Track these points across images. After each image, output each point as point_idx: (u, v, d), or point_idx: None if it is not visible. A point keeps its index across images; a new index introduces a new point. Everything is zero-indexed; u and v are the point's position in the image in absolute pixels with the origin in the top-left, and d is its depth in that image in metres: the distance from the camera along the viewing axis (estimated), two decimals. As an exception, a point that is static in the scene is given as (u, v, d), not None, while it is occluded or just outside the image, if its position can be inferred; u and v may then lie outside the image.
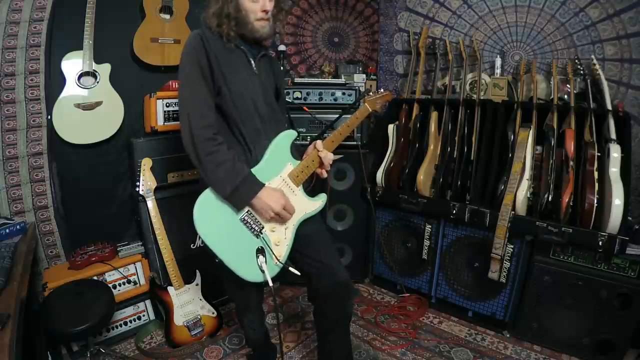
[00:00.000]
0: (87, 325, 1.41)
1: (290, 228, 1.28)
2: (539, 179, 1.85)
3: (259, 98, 1.28)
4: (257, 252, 1.20)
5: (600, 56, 1.99)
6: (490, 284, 1.92)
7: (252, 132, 1.26)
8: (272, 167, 1.26)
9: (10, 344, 0.97)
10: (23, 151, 1.81)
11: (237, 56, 1.27)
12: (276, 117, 1.36)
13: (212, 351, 1.85)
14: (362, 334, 2.01)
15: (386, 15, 2.71)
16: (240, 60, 1.27)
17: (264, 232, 1.23)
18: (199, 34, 1.22)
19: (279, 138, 1.28)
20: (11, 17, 1.72)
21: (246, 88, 1.25)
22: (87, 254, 1.83)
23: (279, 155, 1.28)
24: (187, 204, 1.99)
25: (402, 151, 2.24)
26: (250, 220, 1.21)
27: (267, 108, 1.31)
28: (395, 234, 2.33)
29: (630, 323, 1.64)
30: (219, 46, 1.22)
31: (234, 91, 1.22)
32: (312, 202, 1.33)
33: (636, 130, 1.90)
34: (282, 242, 1.26)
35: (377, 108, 1.56)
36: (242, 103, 1.23)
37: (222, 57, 1.21)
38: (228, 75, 1.22)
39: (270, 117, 1.31)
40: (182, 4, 2.03)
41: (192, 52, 1.19)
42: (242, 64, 1.27)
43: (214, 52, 1.20)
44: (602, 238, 1.61)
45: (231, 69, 1.23)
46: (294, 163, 1.30)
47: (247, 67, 1.28)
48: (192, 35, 1.23)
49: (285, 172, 1.28)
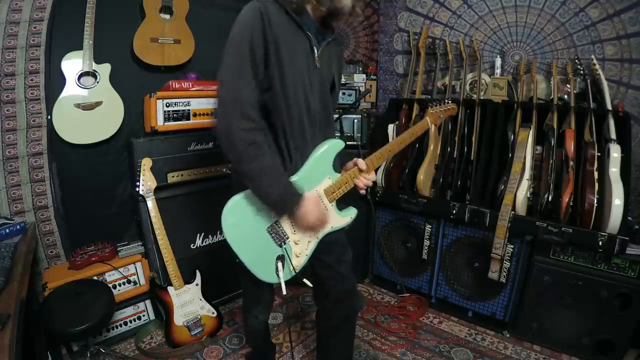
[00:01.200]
0: (87, 325, 1.41)
1: (313, 242, 1.24)
2: (539, 179, 1.85)
3: (314, 96, 1.12)
4: (277, 259, 1.18)
5: (600, 56, 1.99)
6: (490, 284, 1.92)
7: (297, 136, 1.12)
8: (310, 180, 1.16)
9: (10, 344, 0.97)
10: (23, 151, 1.81)
11: (300, 43, 1.07)
12: (327, 118, 1.22)
13: (212, 351, 1.85)
14: (362, 334, 2.01)
15: (386, 15, 2.71)
16: (302, 49, 1.07)
17: (287, 242, 1.19)
18: (259, 7, 0.98)
19: (323, 149, 1.15)
20: (11, 17, 1.72)
21: (302, 84, 1.07)
22: (87, 254, 1.83)
23: (320, 167, 1.17)
24: (187, 203, 2.01)
25: (402, 151, 2.24)
26: (276, 230, 1.17)
27: (320, 108, 1.16)
28: (395, 234, 2.33)
29: (630, 323, 1.64)
30: (283, 26, 1.01)
31: (289, 87, 1.04)
32: (342, 218, 1.27)
33: (636, 130, 1.90)
34: (302, 254, 1.23)
35: (438, 123, 1.39)
36: (294, 102, 1.07)
37: (283, 43, 1.01)
38: (286, 67, 1.02)
39: (321, 119, 1.17)
40: (182, 4, 2.03)
41: (246, 31, 0.97)
42: (303, 54, 1.07)
43: (275, 35, 0.99)
44: (602, 238, 1.61)
45: (291, 59, 1.03)
46: (333, 177, 1.19)
47: (309, 58, 1.09)
48: (251, 8, 0.99)
49: (321, 187, 1.18)
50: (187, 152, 1.95)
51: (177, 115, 1.93)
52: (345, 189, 1.21)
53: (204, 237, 2.08)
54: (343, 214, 1.27)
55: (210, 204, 1.16)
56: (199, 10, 2.12)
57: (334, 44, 1.21)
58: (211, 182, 2.03)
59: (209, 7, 2.19)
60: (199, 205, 2.00)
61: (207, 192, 1.99)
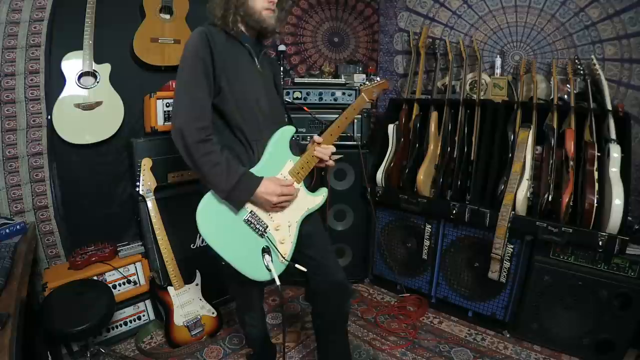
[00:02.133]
0: (87, 325, 1.41)
1: (293, 225, 1.28)
2: (539, 179, 1.85)
3: (262, 96, 1.27)
4: (263, 252, 1.20)
5: (600, 56, 1.99)
6: (490, 284, 1.92)
7: (254, 131, 1.25)
8: (272, 165, 1.25)
9: (10, 344, 0.97)
10: (23, 151, 1.81)
11: (240, 53, 1.25)
12: (278, 114, 1.36)
13: (212, 351, 1.85)
14: (362, 334, 2.01)
15: (386, 15, 2.71)
16: (244, 58, 1.26)
17: (268, 231, 1.23)
18: (203, 30, 1.18)
19: (277, 135, 1.26)
20: (11, 17, 1.72)
21: (250, 86, 1.24)
22: (87, 254, 1.83)
23: (279, 152, 1.27)
24: (187, 204, 1.99)
25: (402, 151, 2.24)
26: (253, 220, 1.21)
27: (270, 106, 1.30)
28: (395, 234, 2.33)
29: (630, 323, 1.64)
30: (223, 42, 1.20)
31: (237, 90, 1.21)
32: (314, 198, 1.33)
33: (636, 130, 1.90)
34: (286, 240, 1.27)
35: (374, 97, 1.50)
36: (244, 102, 1.22)
37: (226, 55, 1.19)
38: (232, 73, 1.20)
39: (273, 115, 1.31)
40: (182, 4, 2.04)
41: (195, 48, 1.16)
42: (245, 62, 1.26)
43: (218, 49, 1.17)
44: (602, 238, 1.61)
45: (235, 66, 1.21)
46: (294, 159, 1.29)
47: (251, 64, 1.27)
48: (196, 31, 1.19)
49: (285, 170, 1.27)
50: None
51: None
52: (310, 166, 1.30)
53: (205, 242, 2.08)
54: (315, 194, 1.34)
55: (211, 204, 1.16)
56: (199, 10, 2.11)
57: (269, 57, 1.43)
58: (211, 182, 2.02)
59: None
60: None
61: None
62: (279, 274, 1.21)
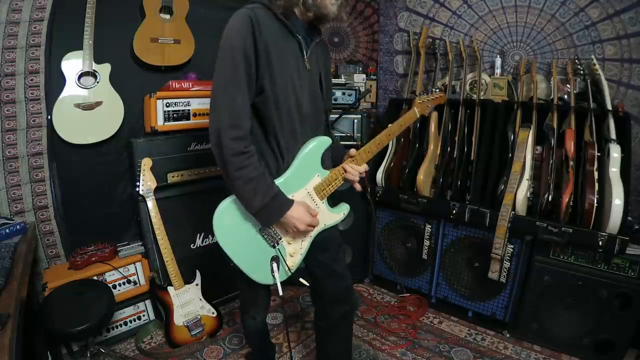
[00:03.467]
0: (87, 325, 1.41)
1: (307, 240, 1.24)
2: (539, 179, 1.85)
3: (305, 97, 1.15)
4: (272, 260, 1.18)
5: (600, 56, 1.99)
6: (490, 284, 1.92)
7: (289, 136, 1.13)
8: (298, 179, 1.17)
9: (10, 344, 0.97)
10: (23, 151, 1.81)
11: (290, 47, 1.10)
12: (318, 118, 1.24)
13: (212, 351, 1.85)
14: (362, 334, 2.01)
15: (386, 15, 2.71)
16: (292, 52, 1.10)
17: (281, 242, 1.19)
18: (249, 14, 1.00)
19: (310, 147, 1.15)
20: (11, 17, 1.72)
21: (292, 86, 1.10)
22: (87, 254, 1.83)
23: (308, 165, 1.17)
24: (187, 204, 2.01)
25: (402, 151, 2.24)
26: (268, 231, 1.17)
27: (311, 108, 1.18)
28: (395, 234, 2.33)
29: (630, 323, 1.64)
30: (273, 31, 1.04)
31: (279, 91, 1.07)
32: (334, 215, 1.27)
33: (636, 130, 1.90)
34: (296, 253, 1.24)
35: (426, 113, 1.38)
36: (284, 105, 1.09)
37: (273, 48, 1.04)
38: (276, 71, 1.05)
39: (312, 119, 1.19)
40: (182, 4, 2.03)
41: (238, 38, 0.99)
42: (293, 57, 1.10)
43: (265, 40, 1.02)
44: (602, 238, 1.61)
45: (281, 63, 1.06)
46: (322, 174, 1.20)
47: (299, 60, 1.12)
48: (240, 16, 1.01)
49: (311, 185, 1.19)
50: (187, 152, 1.95)
51: (177, 115, 1.93)
52: (336, 185, 1.22)
53: (204, 237, 2.08)
54: (335, 211, 1.28)
55: (211, 204, 1.16)
56: (199, 10, 2.12)
57: (322, 45, 1.25)
58: (211, 182, 2.02)
59: (209, 7, 2.19)
60: (199, 205, 2.00)
61: (207, 192, 1.98)
62: (282, 280, 1.20)
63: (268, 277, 1.20)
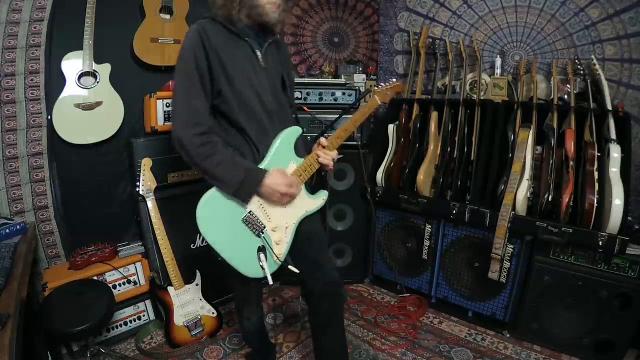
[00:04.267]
0: (87, 325, 1.41)
1: (290, 227, 1.29)
2: (539, 179, 1.85)
3: (266, 93, 1.22)
4: (258, 251, 1.22)
5: (600, 56, 1.99)
6: (490, 284, 1.92)
7: (259, 131, 1.22)
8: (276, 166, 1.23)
9: (10, 344, 0.97)
10: (23, 151, 1.81)
11: (241, 49, 1.19)
12: (284, 113, 1.31)
13: (212, 351, 1.85)
14: (362, 334, 2.01)
15: (386, 15, 2.71)
16: (245, 54, 1.20)
17: (265, 231, 1.23)
18: (197, 29, 1.13)
19: (281, 136, 1.24)
20: (11, 17, 1.72)
21: (251, 85, 1.19)
22: (87, 254, 1.83)
23: (283, 154, 1.25)
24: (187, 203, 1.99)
25: (402, 151, 2.24)
26: (251, 220, 1.21)
27: (275, 103, 1.25)
28: (395, 234, 2.33)
29: (630, 323, 1.64)
30: (221, 39, 1.15)
31: (238, 90, 1.17)
32: (314, 200, 1.33)
33: (636, 130, 1.90)
34: (282, 241, 1.27)
35: (387, 100, 1.47)
36: (246, 102, 1.18)
37: (224, 54, 1.14)
38: (231, 73, 1.15)
39: (278, 114, 1.26)
40: (182, 4, 2.04)
41: (189, 52, 1.12)
42: (246, 58, 1.20)
43: (215, 48, 1.13)
44: (602, 238, 1.61)
45: (234, 66, 1.16)
46: (297, 161, 1.28)
47: (252, 60, 1.21)
48: (190, 31, 1.14)
49: (288, 172, 1.26)
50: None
51: (176, 116, 1.92)
52: (312, 170, 1.29)
53: (204, 237, 2.07)
54: (315, 197, 1.34)
55: (210, 204, 1.16)
56: (199, 10, 2.11)
57: (278, 46, 1.33)
58: (211, 182, 2.02)
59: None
60: (199, 205, 2.00)
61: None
62: (273, 272, 1.23)
63: (256, 269, 1.22)
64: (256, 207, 1.22)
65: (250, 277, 1.23)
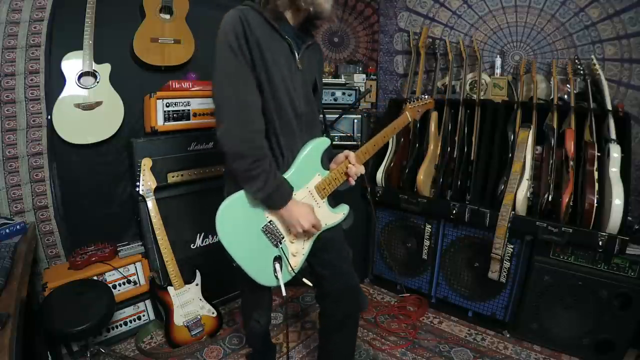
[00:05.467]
0: (87, 325, 1.41)
1: (309, 240, 1.25)
2: (539, 179, 1.85)
3: (300, 98, 1.16)
4: (274, 261, 1.18)
5: (600, 56, 1.99)
6: (490, 284, 1.92)
7: (288, 136, 1.15)
8: (300, 178, 1.19)
9: (10, 344, 0.97)
10: (23, 151, 1.81)
11: (280, 47, 1.10)
12: (314, 118, 1.26)
13: (212, 351, 1.85)
14: (362, 334, 2.01)
15: (386, 15, 2.71)
16: (284, 54, 1.11)
17: (283, 242, 1.20)
18: (238, 15, 1.01)
19: (310, 147, 1.18)
20: (11, 17, 1.72)
21: (285, 86, 1.11)
22: (87, 254, 1.83)
23: (309, 165, 1.20)
24: (187, 203, 2.01)
25: (402, 151, 2.24)
26: (271, 230, 1.17)
27: (307, 109, 1.19)
28: (395, 234, 2.33)
29: (630, 323, 1.64)
30: (262, 31, 1.05)
31: (276, 89, 1.08)
32: (334, 215, 1.29)
33: (636, 130, 1.90)
34: (299, 253, 1.24)
35: (417, 117, 1.46)
36: (281, 104, 1.10)
37: (266, 48, 1.04)
38: (271, 68, 1.06)
39: (308, 119, 1.21)
40: (182, 4, 2.03)
41: (233, 38, 1.00)
42: (284, 57, 1.11)
43: (256, 37, 1.02)
44: (602, 238, 1.61)
45: (275, 63, 1.07)
46: (323, 174, 1.23)
47: (290, 61, 1.13)
48: (231, 16, 1.02)
49: (312, 184, 1.21)
50: (187, 152, 1.95)
51: (177, 115, 1.93)
52: (336, 184, 1.25)
53: (204, 237, 2.08)
54: (335, 211, 1.30)
55: (211, 204, 1.15)
56: (199, 10, 2.12)
57: (314, 48, 1.26)
58: (211, 182, 2.02)
59: (209, 7, 2.19)
60: (199, 206, 2.00)
61: (207, 192, 1.98)
62: (286, 282, 1.20)
63: (271, 278, 1.19)
64: (277, 217, 1.17)
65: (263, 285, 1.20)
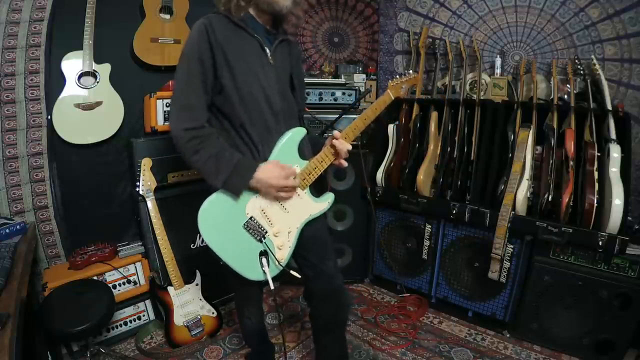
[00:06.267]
0: (87, 325, 1.41)
1: (293, 231, 1.25)
2: (539, 179, 1.85)
3: (274, 92, 1.19)
4: (260, 255, 1.19)
5: (600, 56, 1.99)
6: (490, 284, 1.92)
7: (262, 131, 1.18)
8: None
9: (10, 344, 0.97)
10: (23, 151, 1.81)
11: (249, 45, 1.16)
12: (291, 113, 1.28)
13: (212, 351, 1.85)
14: (362, 334, 2.01)
15: (386, 15, 2.71)
16: (253, 51, 1.16)
17: (267, 236, 1.20)
18: (203, 23, 1.11)
19: (286, 138, 1.19)
20: (11, 17, 1.72)
21: (258, 82, 1.15)
22: (87, 254, 1.83)
23: (286, 156, 1.20)
24: (187, 204, 2.00)
25: (402, 151, 2.24)
26: (252, 226, 1.19)
27: (283, 103, 1.22)
28: (395, 234, 2.33)
29: (630, 323, 1.64)
30: (228, 34, 1.12)
31: (242, 87, 1.13)
32: (318, 204, 1.29)
33: (636, 130, 1.90)
34: (284, 245, 1.24)
35: (401, 94, 1.41)
36: (251, 100, 1.15)
37: (229, 48, 1.11)
38: (236, 68, 1.12)
39: (285, 112, 1.23)
40: (182, 4, 2.04)
41: (192, 46, 1.10)
42: (254, 54, 1.16)
43: (220, 43, 1.10)
44: (602, 238, 1.61)
45: (240, 61, 1.13)
46: (301, 164, 1.23)
47: (261, 58, 1.17)
48: (196, 25, 1.12)
49: None
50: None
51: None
52: (318, 173, 1.25)
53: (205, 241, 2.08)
54: (320, 200, 1.29)
55: (210, 204, 1.16)
56: (199, 10, 2.11)
57: (288, 44, 1.29)
58: (211, 182, 2.02)
59: (209, 7, 2.19)
60: (199, 206, 1.98)
61: (207, 193, 1.98)
62: (274, 275, 1.21)
63: (258, 273, 1.20)
64: (257, 213, 1.19)
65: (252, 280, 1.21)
